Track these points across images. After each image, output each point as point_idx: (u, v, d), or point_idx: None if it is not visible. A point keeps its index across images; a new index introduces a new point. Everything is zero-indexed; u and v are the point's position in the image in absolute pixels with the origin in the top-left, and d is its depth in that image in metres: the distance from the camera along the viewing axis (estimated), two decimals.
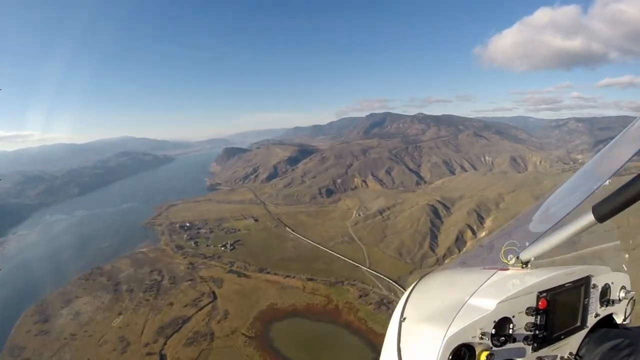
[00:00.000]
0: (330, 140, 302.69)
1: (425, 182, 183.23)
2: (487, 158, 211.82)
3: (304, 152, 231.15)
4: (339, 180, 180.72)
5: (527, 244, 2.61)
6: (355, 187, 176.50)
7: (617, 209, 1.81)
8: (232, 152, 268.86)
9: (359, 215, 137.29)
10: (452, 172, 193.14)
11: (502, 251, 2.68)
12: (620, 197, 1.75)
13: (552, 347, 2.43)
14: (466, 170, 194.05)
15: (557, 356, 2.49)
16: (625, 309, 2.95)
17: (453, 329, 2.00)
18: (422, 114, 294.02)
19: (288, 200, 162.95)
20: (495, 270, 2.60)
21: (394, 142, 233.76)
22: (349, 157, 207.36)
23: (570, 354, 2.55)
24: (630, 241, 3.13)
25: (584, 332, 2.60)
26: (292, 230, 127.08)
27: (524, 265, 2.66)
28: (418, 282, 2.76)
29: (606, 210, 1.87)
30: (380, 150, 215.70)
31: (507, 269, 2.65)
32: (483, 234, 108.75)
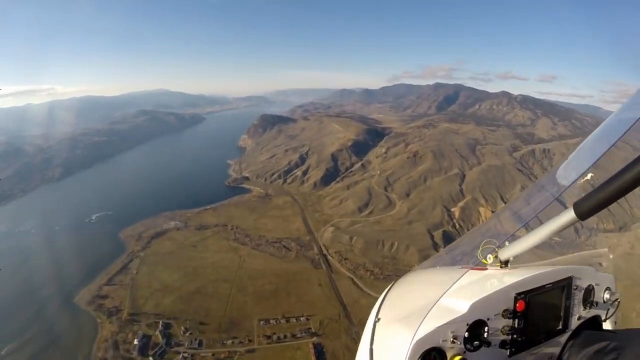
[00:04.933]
0: (391, 112, 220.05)
1: (582, 227, 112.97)
2: None
3: (373, 133, 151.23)
4: (454, 209, 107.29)
5: (506, 242, 2.45)
6: None
7: (600, 206, 1.72)
8: (270, 121, 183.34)
9: None
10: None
11: (480, 249, 2.52)
12: (602, 193, 1.67)
13: (531, 351, 2.29)
14: (618, 204, 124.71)
15: None
16: (609, 311, 2.75)
17: (422, 332, 1.90)
18: (508, 92, 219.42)
19: (374, 255, 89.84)
20: (471, 270, 2.45)
21: (503, 133, 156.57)
22: (454, 157, 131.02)
23: (552, 358, 2.39)
24: (616, 240, 2.96)
25: (566, 335, 2.46)
26: None
27: (503, 265, 2.51)
28: (395, 282, 2.66)
29: (588, 207, 1.79)
30: (497, 149, 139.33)
31: (486, 269, 2.50)
32: None
